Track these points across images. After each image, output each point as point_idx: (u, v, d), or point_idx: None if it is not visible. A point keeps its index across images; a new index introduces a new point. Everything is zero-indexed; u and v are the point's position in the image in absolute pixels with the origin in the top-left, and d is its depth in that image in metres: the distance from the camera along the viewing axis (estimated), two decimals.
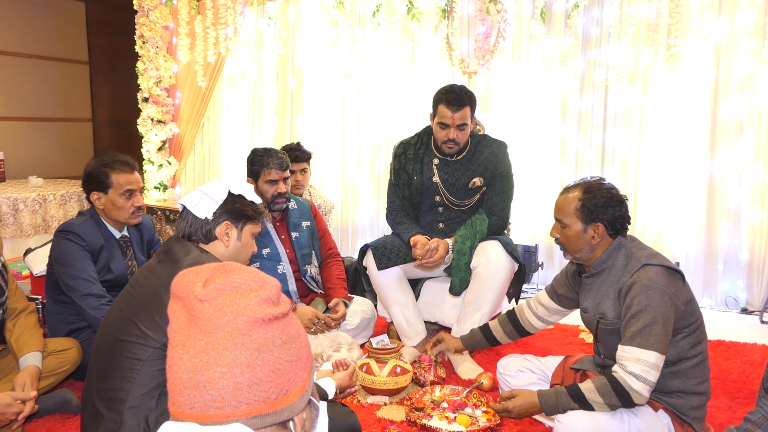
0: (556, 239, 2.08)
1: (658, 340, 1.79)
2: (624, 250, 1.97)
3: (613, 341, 1.94)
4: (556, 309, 2.30)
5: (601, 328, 1.99)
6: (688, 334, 1.90)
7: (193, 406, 0.71)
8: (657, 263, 1.87)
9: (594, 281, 2.03)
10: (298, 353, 0.77)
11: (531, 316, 2.34)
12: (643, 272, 1.86)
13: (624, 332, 1.86)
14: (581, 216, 1.97)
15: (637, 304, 1.82)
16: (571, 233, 2.00)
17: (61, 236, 2.49)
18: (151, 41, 4.81)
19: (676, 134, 3.87)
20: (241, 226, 1.82)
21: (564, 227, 2.02)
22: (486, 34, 4.06)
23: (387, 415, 2.34)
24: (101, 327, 1.75)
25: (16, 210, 4.43)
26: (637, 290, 1.83)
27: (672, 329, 1.84)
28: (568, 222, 2.01)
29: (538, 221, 4.32)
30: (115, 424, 1.57)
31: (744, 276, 3.80)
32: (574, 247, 2.02)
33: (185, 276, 0.81)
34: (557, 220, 2.06)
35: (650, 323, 1.79)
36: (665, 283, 1.83)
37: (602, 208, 1.95)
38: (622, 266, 1.95)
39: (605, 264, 1.99)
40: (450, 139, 2.78)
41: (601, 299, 1.99)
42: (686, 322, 1.89)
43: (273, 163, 2.79)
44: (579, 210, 1.98)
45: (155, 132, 4.91)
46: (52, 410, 2.33)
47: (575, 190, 2.03)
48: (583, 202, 1.97)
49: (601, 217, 1.95)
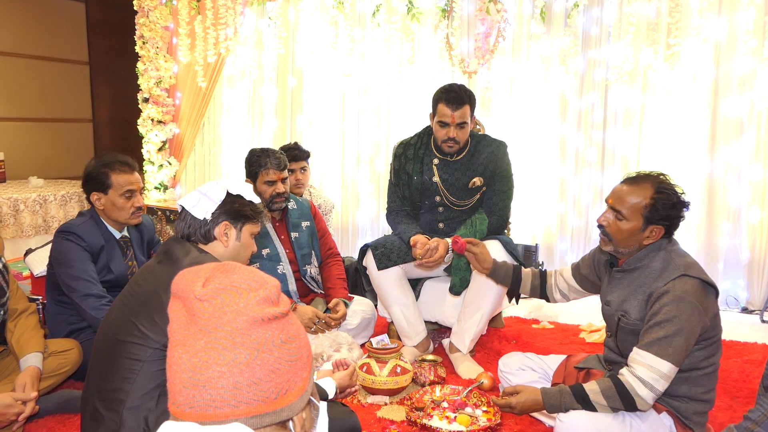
0: (602, 226, 1.93)
1: (676, 352, 1.74)
2: (663, 252, 1.88)
3: (630, 341, 1.89)
4: (575, 288, 2.26)
5: (621, 326, 1.93)
6: (705, 347, 1.86)
7: (192, 405, 0.71)
8: (695, 275, 1.80)
9: (624, 277, 1.96)
10: (298, 353, 0.77)
11: (554, 285, 2.31)
12: (679, 282, 1.78)
13: (643, 336, 1.80)
14: (646, 214, 1.84)
15: (666, 312, 1.76)
16: (627, 227, 1.86)
17: (62, 237, 2.49)
18: (151, 41, 4.82)
19: (676, 134, 3.86)
20: (240, 226, 1.81)
21: (620, 219, 1.87)
22: (486, 33, 4.06)
23: (387, 414, 2.34)
24: (101, 327, 1.75)
25: (16, 210, 4.43)
26: (669, 299, 1.77)
27: (693, 344, 1.79)
28: (628, 215, 1.85)
29: (538, 221, 4.32)
30: (114, 425, 1.57)
31: (744, 275, 3.80)
32: (623, 241, 1.89)
33: (185, 276, 0.81)
34: (614, 209, 1.89)
35: (673, 334, 1.74)
36: (699, 297, 1.77)
37: (670, 212, 1.83)
38: (657, 270, 1.87)
39: (640, 262, 1.91)
40: (450, 138, 2.78)
41: (628, 297, 1.92)
42: (706, 335, 1.84)
43: (271, 164, 2.79)
44: (647, 208, 1.83)
45: (155, 132, 4.91)
46: (53, 411, 2.33)
47: (645, 184, 1.86)
48: (655, 202, 1.82)
49: (664, 222, 1.84)
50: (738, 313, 3.73)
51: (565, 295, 2.31)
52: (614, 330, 1.99)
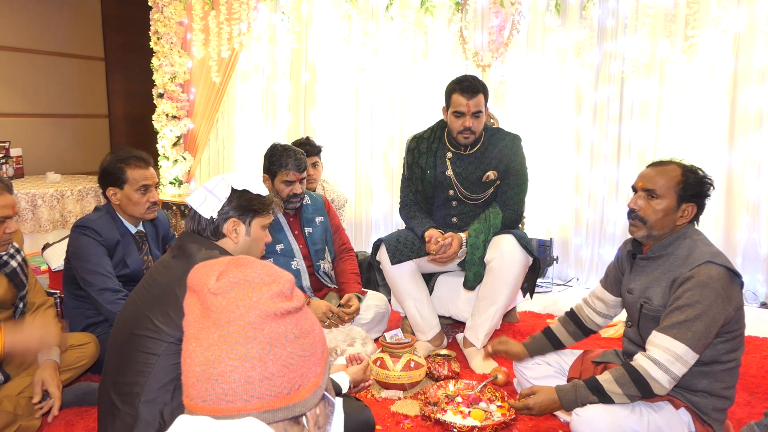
0: (633, 211, 1.92)
1: (696, 337, 1.72)
2: (689, 240, 1.88)
3: (652, 329, 1.86)
4: (612, 300, 2.19)
5: (644, 313, 1.92)
6: (728, 340, 1.83)
7: (205, 399, 0.71)
8: (721, 263, 1.78)
9: (648, 264, 1.95)
10: (312, 348, 0.77)
11: (591, 313, 2.24)
12: (704, 268, 1.77)
13: (664, 320, 1.79)
14: (680, 191, 1.85)
15: (688, 297, 1.75)
16: (662, 207, 1.86)
17: (78, 231, 2.51)
18: (166, 37, 4.84)
19: (693, 126, 3.80)
20: (248, 220, 1.80)
21: (653, 198, 1.88)
22: (500, 26, 4.03)
23: (401, 409, 2.34)
24: (116, 322, 1.76)
25: (34, 205, 4.48)
26: (692, 284, 1.76)
27: (716, 332, 1.77)
28: (661, 193, 1.86)
29: (552, 215, 4.29)
30: (131, 418, 1.59)
31: (763, 270, 3.74)
32: (658, 222, 1.88)
33: (200, 269, 0.81)
34: (646, 190, 1.90)
35: (694, 318, 1.72)
36: (724, 285, 1.75)
37: (701, 188, 1.86)
38: (682, 257, 1.86)
39: (666, 250, 1.90)
40: (466, 128, 2.76)
41: (651, 284, 1.91)
42: (730, 328, 1.82)
43: (292, 164, 2.79)
44: (680, 185, 1.85)
45: (170, 127, 4.94)
46: (70, 403, 2.35)
47: (672, 165, 1.90)
48: (686, 178, 1.85)
49: (696, 199, 1.86)
50: (757, 308, 3.67)
51: (606, 315, 2.23)
52: (636, 318, 1.97)
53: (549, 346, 2.28)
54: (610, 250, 4.08)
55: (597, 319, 2.23)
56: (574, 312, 2.29)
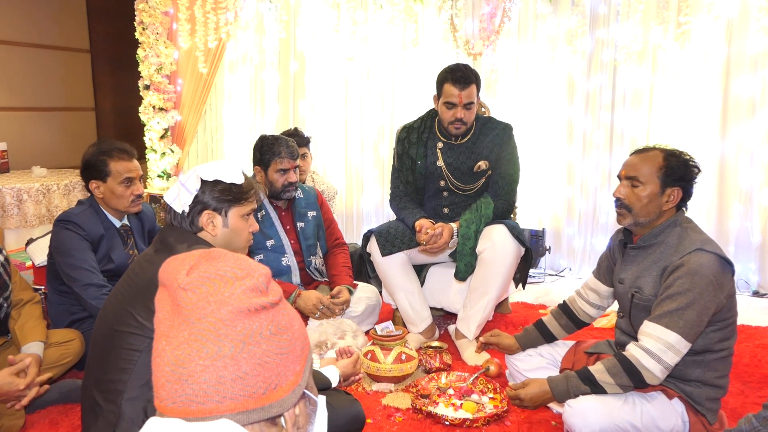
0: (619, 200, 1.93)
1: (687, 326, 1.71)
2: (679, 228, 1.87)
3: (644, 318, 1.84)
4: (605, 291, 2.17)
5: (635, 303, 1.90)
6: (720, 329, 1.82)
7: (175, 400, 0.67)
8: (711, 250, 1.76)
9: (639, 254, 1.94)
10: (290, 345, 0.73)
11: (584, 305, 2.22)
12: (695, 256, 1.75)
13: (655, 309, 1.78)
14: (662, 176, 1.85)
15: (679, 285, 1.73)
16: (646, 193, 1.86)
17: (60, 226, 2.45)
18: (151, 27, 4.75)
19: (686, 114, 3.78)
20: (224, 211, 1.71)
21: (637, 186, 1.88)
22: (491, 14, 3.98)
23: (392, 402, 2.31)
24: (98, 318, 1.71)
25: (20, 200, 4.40)
26: (683, 272, 1.74)
27: (707, 320, 1.75)
28: (644, 180, 1.86)
29: (545, 205, 4.26)
30: (113, 416, 1.54)
31: (756, 258, 3.73)
32: (643, 209, 1.87)
33: (170, 263, 0.76)
34: (630, 177, 1.90)
35: (685, 307, 1.71)
36: (715, 272, 1.73)
37: (684, 172, 1.85)
38: (673, 245, 1.84)
39: (656, 239, 1.89)
40: (457, 118, 2.72)
41: (642, 273, 1.89)
42: (722, 316, 1.80)
43: (285, 152, 2.74)
44: (662, 170, 1.85)
45: (157, 120, 4.86)
46: (55, 401, 2.32)
47: (654, 151, 1.90)
48: (668, 163, 1.85)
49: (681, 183, 1.85)
50: (749, 296, 3.66)
51: (599, 306, 2.21)
52: (627, 309, 1.95)
53: (541, 339, 2.27)
54: (603, 239, 4.06)
55: (590, 310, 2.22)
56: (567, 305, 2.27)
